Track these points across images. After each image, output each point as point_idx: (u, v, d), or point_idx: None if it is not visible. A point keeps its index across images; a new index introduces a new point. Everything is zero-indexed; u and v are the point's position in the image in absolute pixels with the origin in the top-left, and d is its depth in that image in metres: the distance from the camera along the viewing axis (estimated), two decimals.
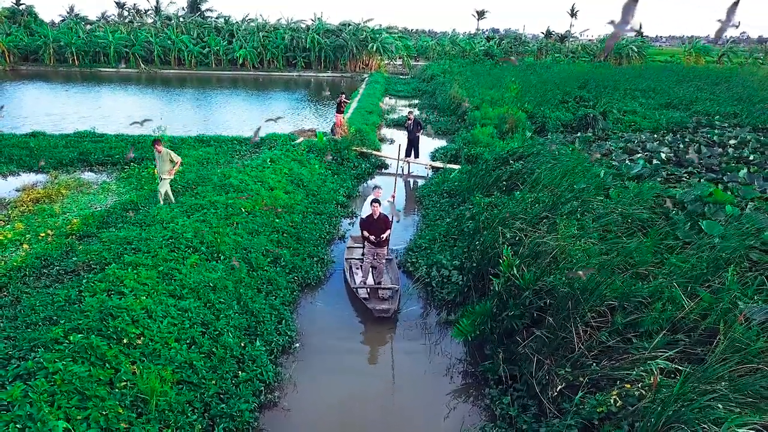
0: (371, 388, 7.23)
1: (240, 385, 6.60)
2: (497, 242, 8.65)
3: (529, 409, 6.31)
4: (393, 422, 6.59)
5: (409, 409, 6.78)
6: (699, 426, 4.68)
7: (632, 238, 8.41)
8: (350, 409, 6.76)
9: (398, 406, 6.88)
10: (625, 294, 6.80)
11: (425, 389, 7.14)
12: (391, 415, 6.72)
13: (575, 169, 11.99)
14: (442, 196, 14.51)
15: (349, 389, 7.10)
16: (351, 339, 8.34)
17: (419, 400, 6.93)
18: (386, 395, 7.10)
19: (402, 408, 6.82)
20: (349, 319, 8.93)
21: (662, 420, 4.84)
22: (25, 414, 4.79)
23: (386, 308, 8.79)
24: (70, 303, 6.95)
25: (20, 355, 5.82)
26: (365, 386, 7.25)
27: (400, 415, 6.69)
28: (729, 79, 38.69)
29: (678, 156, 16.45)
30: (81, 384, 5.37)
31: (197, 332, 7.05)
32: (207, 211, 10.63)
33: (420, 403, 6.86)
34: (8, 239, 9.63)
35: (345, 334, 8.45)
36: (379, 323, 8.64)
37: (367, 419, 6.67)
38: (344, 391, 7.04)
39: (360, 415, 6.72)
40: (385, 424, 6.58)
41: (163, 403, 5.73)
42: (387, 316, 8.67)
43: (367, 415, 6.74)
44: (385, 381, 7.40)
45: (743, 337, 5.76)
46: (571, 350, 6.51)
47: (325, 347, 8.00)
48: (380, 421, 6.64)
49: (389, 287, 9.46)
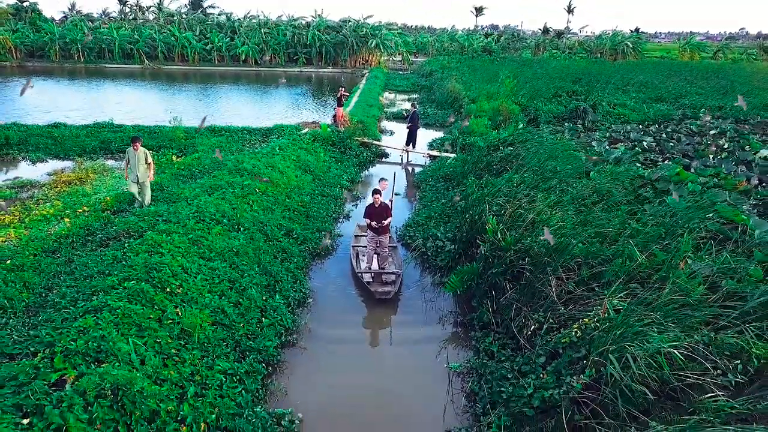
0: (375, 333, 8.47)
1: (264, 328, 7.81)
2: (484, 213, 9.84)
3: (508, 346, 7.51)
4: (392, 356, 7.83)
5: (405, 348, 8.00)
6: (637, 345, 5.86)
7: (606, 212, 9.62)
8: (356, 348, 8.00)
9: (396, 345, 8.11)
10: (590, 252, 8.00)
11: (420, 334, 8.34)
12: (390, 351, 7.96)
13: (558, 154, 13.19)
14: (438, 180, 15.70)
15: (355, 333, 8.35)
16: (356, 302, 9.53)
17: (415, 341, 8.14)
18: (386, 338, 8.34)
19: (399, 346, 8.06)
20: (354, 288, 10.11)
21: (609, 341, 6.04)
22: (99, 336, 5.98)
23: (387, 290, 9.48)
24: (117, 261, 8.14)
25: (84, 298, 7.02)
26: (370, 331, 8.49)
27: (398, 352, 7.92)
28: (718, 74, 39.83)
29: (660, 144, 17.67)
30: (137, 318, 6.57)
31: (225, 287, 8.26)
32: (225, 190, 11.80)
33: (415, 343, 8.08)
34: (50, 214, 10.84)
35: (351, 297, 9.64)
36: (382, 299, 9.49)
37: (371, 355, 7.92)
38: (351, 335, 8.27)
39: (364, 352, 7.97)
40: (386, 358, 7.83)
41: (203, 337, 6.93)
42: (387, 297, 9.33)
43: (371, 352, 8.00)
44: (386, 327, 8.62)
45: (687, 285, 6.96)
46: (544, 299, 7.70)
47: (334, 303, 9.21)
48: (382, 356, 7.89)
49: (393, 272, 10.13)
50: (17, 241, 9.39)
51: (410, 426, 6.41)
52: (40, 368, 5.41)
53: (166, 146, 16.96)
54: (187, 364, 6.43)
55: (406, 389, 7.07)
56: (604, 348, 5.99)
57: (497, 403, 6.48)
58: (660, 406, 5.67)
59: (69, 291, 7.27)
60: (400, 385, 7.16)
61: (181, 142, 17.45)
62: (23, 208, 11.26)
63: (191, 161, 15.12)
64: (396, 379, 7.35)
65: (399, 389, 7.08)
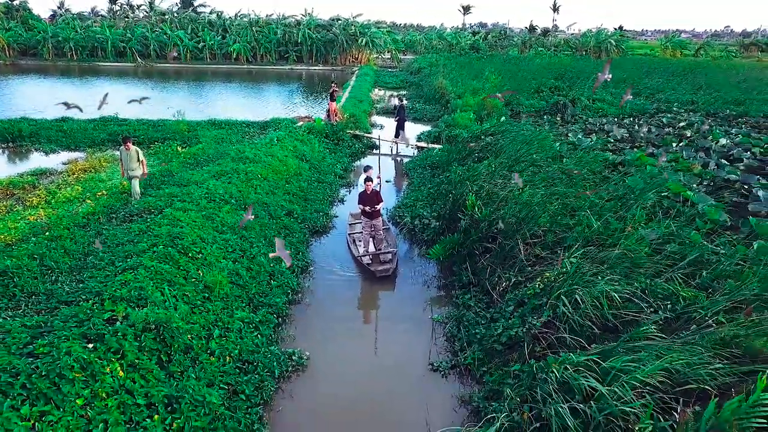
0: (368, 293, 9.71)
1: (273, 288, 9.02)
2: (465, 192, 11.09)
3: (483, 300, 8.77)
4: (384, 311, 9.14)
5: (396, 305, 9.27)
6: (585, 290, 7.12)
7: (572, 189, 10.92)
8: (353, 306, 9.28)
9: (388, 303, 9.38)
10: (554, 221, 9.29)
11: (408, 295, 9.59)
12: (383, 307, 9.26)
13: (534, 142, 14.47)
14: (426, 168, 16.94)
15: (352, 293, 9.61)
16: (351, 267, 10.76)
17: (403, 300, 9.40)
18: (379, 297, 9.60)
19: (391, 304, 9.33)
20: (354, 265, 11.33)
21: (564, 288, 7.29)
22: (138, 287, 7.15)
23: (386, 268, 10.47)
24: (143, 233, 9.30)
25: (120, 260, 8.19)
26: (364, 292, 9.74)
27: (389, 308, 9.20)
28: (694, 71, 41.43)
29: (632, 135, 19.05)
30: (167, 275, 7.75)
31: (238, 255, 9.45)
32: (231, 175, 12.96)
33: (404, 301, 9.34)
34: (73, 197, 11.96)
35: (347, 266, 10.86)
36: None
37: (366, 310, 9.22)
38: (348, 295, 9.53)
39: (361, 308, 9.29)
40: (379, 313, 9.14)
41: (222, 292, 8.12)
42: (387, 274, 10.34)
43: (366, 308, 9.31)
44: (378, 289, 9.84)
45: (636, 247, 8.25)
46: (514, 261, 8.96)
47: (332, 270, 10.43)
48: (376, 311, 9.21)
49: (389, 251, 11.14)
50: (48, 218, 10.53)
51: (400, 362, 7.64)
52: (94, 309, 6.58)
53: (170, 138, 18.09)
54: (211, 313, 7.63)
55: (396, 335, 8.32)
56: (558, 292, 7.26)
57: (472, 342, 7.73)
58: (603, 338, 6.94)
59: (105, 255, 8.44)
60: (392, 333, 8.42)
61: (184, 134, 18.58)
62: (47, 192, 12.37)
63: (196, 151, 16.29)
64: (388, 328, 8.61)
65: (390, 336, 8.34)
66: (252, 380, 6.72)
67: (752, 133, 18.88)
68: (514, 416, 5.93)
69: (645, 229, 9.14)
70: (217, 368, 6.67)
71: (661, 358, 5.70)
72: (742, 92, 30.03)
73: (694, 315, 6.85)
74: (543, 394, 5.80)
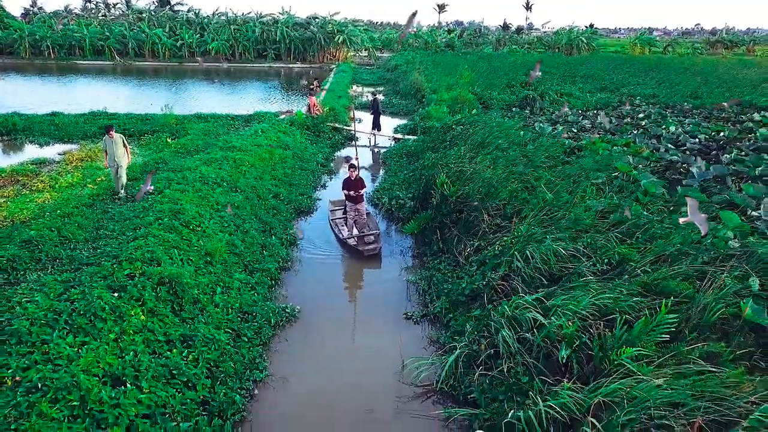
0: (351, 263, 10.88)
1: (266, 257, 10.14)
2: (436, 173, 12.32)
3: (451, 265, 10.00)
4: (365, 275, 10.33)
5: (375, 271, 10.46)
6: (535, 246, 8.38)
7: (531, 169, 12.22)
8: (337, 271, 10.47)
9: (367, 269, 10.55)
10: (514, 195, 10.56)
11: (386, 264, 10.79)
12: (364, 273, 10.44)
13: (502, 131, 15.78)
14: (402, 157, 18.15)
15: (337, 263, 10.78)
16: (335, 244, 11.92)
17: (382, 268, 10.60)
18: (358, 266, 10.77)
19: (370, 270, 10.50)
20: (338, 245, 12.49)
21: (518, 246, 8.55)
22: (149, 251, 8.21)
23: (373, 247, 11.46)
24: (147, 210, 10.34)
25: (129, 231, 9.24)
26: (348, 261, 10.91)
27: (369, 273, 10.38)
28: (658, 67, 43.37)
29: (594, 125, 20.49)
30: (173, 242, 8.82)
31: (232, 229, 10.55)
32: (221, 162, 14.00)
33: (382, 269, 10.54)
34: (75, 182, 12.91)
35: (331, 241, 12.02)
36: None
37: (347, 275, 10.40)
38: (333, 263, 10.71)
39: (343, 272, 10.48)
40: (360, 276, 10.33)
41: (221, 258, 9.22)
42: (375, 253, 11.36)
43: (348, 272, 10.50)
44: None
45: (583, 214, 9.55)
46: (478, 230, 10.21)
47: (318, 245, 11.58)
48: (356, 274, 10.39)
49: (372, 233, 12.11)
50: (55, 201, 11.49)
51: (380, 313, 8.86)
52: (115, 268, 7.64)
53: (159, 130, 19.05)
54: (213, 275, 8.73)
55: (376, 294, 9.56)
56: (513, 250, 8.52)
57: (441, 295, 8.96)
58: (550, 287, 8.21)
59: (116, 227, 9.48)
60: (372, 292, 9.67)
61: (173, 126, 19.53)
62: (50, 178, 13.29)
63: (186, 142, 17.30)
64: (369, 289, 9.86)
65: (371, 294, 9.59)
66: (252, 326, 7.86)
67: (703, 123, 20.44)
68: (473, 346, 7.18)
69: (593, 201, 10.48)
70: (222, 317, 7.79)
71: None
72: (698, 86, 31.84)
73: (626, 267, 8.16)
74: (496, 327, 7.05)
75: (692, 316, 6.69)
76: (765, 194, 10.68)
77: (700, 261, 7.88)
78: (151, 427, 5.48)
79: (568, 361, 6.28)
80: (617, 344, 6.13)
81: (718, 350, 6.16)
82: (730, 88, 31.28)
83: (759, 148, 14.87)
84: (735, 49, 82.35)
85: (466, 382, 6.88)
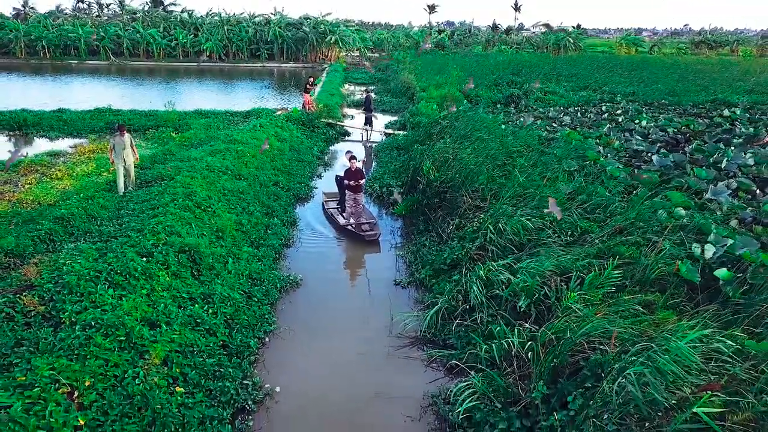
0: (347, 243, 12.06)
1: (269, 235, 11.30)
2: (423, 162, 13.53)
3: (435, 241, 11.21)
4: (358, 250, 11.49)
5: (368, 248, 11.64)
6: (507, 219, 9.59)
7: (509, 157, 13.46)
8: (333, 245, 11.65)
9: (361, 247, 11.73)
10: (491, 180, 11.79)
11: (378, 241, 11.98)
12: (358, 249, 11.61)
13: (485, 125, 17.01)
14: (392, 150, 19.36)
15: (334, 242, 11.95)
16: (329, 227, 13.09)
17: (374, 244, 11.79)
18: (353, 243, 11.94)
19: (363, 248, 11.69)
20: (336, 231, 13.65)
21: (491, 221, 9.76)
22: (169, 225, 9.35)
23: (374, 233, 12.37)
24: (162, 193, 11.47)
25: (149, 210, 10.37)
26: (345, 240, 12.09)
27: (363, 250, 11.57)
28: (641, 66, 44.84)
29: (573, 121, 21.79)
30: (188, 219, 9.97)
31: (239, 211, 11.71)
32: (225, 153, 15.13)
33: (374, 245, 11.73)
34: (90, 171, 14.02)
35: (327, 224, 13.19)
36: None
37: (343, 248, 11.60)
38: (330, 242, 11.88)
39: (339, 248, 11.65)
40: (354, 250, 11.49)
41: (230, 235, 10.37)
42: (375, 238, 12.29)
43: (344, 248, 11.65)
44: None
45: (553, 194, 10.76)
46: (460, 210, 11.43)
47: (317, 227, 12.76)
48: (351, 249, 11.56)
49: (370, 221, 13.03)
50: (74, 187, 12.59)
51: (373, 279, 10.09)
52: (141, 238, 8.78)
53: (162, 125, 20.17)
54: (224, 248, 9.88)
55: (369, 264, 10.76)
56: (488, 224, 9.74)
57: (426, 265, 10.17)
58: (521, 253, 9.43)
59: (136, 207, 10.62)
60: (365, 264, 10.87)
61: (176, 122, 20.65)
62: (66, 167, 14.38)
63: (190, 135, 18.43)
64: (363, 261, 11.05)
65: (365, 265, 10.79)
66: (261, 289, 9.03)
67: (675, 118, 21.80)
68: (452, 303, 8.39)
69: (563, 184, 11.73)
70: (234, 281, 8.96)
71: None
72: (675, 84, 33.28)
73: (587, 238, 9.39)
74: (471, 285, 8.26)
75: (636, 274, 7.92)
76: (715, 177, 11.98)
77: (651, 232, 9.12)
78: (183, 359, 6.64)
79: (528, 310, 7.51)
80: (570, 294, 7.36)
81: (654, 299, 7.40)
82: (706, 86, 32.76)
83: (720, 140, 16.21)
84: (719, 49, 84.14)
85: (445, 330, 8.10)
